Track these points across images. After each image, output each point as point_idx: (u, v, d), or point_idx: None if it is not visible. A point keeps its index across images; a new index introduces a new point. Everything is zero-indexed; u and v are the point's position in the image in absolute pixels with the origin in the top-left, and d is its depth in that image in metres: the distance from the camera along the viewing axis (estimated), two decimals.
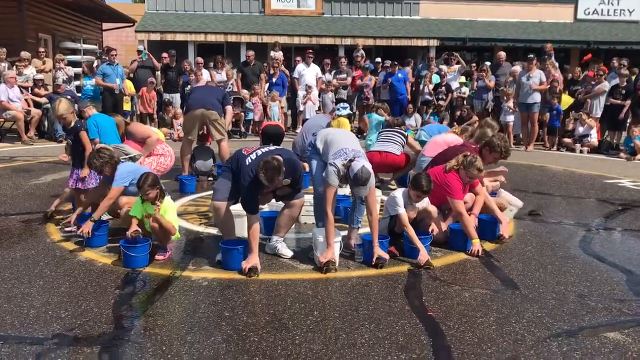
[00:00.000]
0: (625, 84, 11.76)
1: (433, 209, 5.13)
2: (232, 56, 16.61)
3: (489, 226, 5.44)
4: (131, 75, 13.18)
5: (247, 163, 4.63)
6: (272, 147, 4.89)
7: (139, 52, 13.70)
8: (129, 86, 12.74)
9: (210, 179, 8.09)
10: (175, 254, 5.01)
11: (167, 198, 5.01)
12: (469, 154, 5.29)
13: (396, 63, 13.72)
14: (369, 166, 4.63)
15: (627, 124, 12.02)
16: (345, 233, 5.12)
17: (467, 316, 3.79)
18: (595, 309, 3.93)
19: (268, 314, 3.77)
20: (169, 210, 4.93)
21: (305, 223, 5.91)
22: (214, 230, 5.56)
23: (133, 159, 5.80)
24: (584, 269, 4.73)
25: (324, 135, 5.07)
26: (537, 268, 4.74)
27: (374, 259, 4.64)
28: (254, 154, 4.69)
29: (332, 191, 4.73)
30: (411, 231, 4.86)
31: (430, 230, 5.09)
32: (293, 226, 5.77)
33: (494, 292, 4.23)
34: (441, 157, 5.74)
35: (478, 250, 4.97)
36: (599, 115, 11.88)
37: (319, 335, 3.48)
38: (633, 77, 12.26)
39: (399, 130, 7.79)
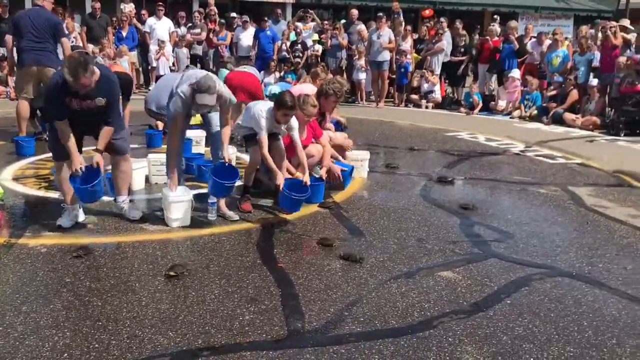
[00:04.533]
0: (462, 43, 12.63)
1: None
2: (77, 7, 15.35)
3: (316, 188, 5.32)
4: None
5: (58, 69, 4.25)
6: None
7: None
8: None
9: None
10: (9, 220, 4.62)
11: None
12: (301, 95, 5.38)
13: (266, 19, 13.36)
14: (217, 79, 4.58)
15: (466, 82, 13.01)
16: (197, 191, 5.04)
17: (315, 265, 3.93)
18: (432, 251, 4.26)
19: (113, 278, 3.63)
20: None
21: (156, 183, 5.71)
22: (55, 194, 5.20)
23: None
24: (423, 215, 5.08)
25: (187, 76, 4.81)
26: (381, 216, 5.01)
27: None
28: None
29: (179, 119, 4.59)
30: (268, 159, 4.84)
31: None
32: (143, 186, 5.61)
33: (341, 240, 4.42)
34: None
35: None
36: (437, 72, 12.65)
37: (167, 295, 3.43)
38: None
39: None
